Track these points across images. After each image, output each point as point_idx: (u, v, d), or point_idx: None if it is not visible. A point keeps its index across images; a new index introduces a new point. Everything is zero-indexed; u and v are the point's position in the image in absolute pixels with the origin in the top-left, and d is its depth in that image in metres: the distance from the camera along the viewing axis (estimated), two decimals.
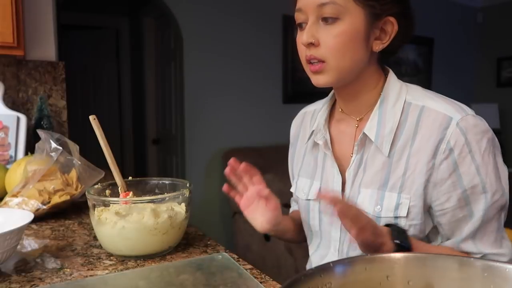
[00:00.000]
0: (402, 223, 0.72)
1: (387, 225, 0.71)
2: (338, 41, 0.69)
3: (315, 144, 0.86)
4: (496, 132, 4.44)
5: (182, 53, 3.03)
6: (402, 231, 0.69)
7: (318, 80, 0.73)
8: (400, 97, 0.75)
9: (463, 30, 4.71)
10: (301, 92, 3.29)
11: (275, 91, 3.38)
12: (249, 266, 0.71)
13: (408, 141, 0.72)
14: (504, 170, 0.72)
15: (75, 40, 4.08)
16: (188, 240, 0.85)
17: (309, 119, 0.92)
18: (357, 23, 0.70)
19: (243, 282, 0.64)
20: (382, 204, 0.73)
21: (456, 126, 0.68)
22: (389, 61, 0.83)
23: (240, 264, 0.71)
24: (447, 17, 4.50)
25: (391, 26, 0.73)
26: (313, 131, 0.85)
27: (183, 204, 0.82)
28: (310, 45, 0.71)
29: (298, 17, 0.74)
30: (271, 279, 0.65)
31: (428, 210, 0.73)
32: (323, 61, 0.71)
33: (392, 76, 0.78)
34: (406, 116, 0.73)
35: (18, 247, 0.78)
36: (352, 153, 0.79)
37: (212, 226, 3.13)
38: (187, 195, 0.81)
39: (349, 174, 0.78)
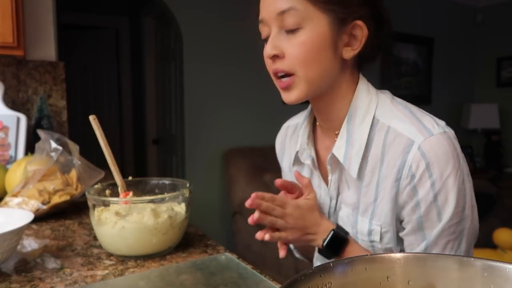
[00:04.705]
0: (378, 246, 0.71)
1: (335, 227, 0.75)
2: (303, 50, 0.65)
3: (303, 164, 0.83)
4: (496, 132, 4.47)
5: (182, 53, 3.03)
6: (337, 238, 0.73)
7: (290, 97, 0.69)
8: (369, 112, 0.71)
9: (463, 30, 4.71)
10: None
11: (275, 91, 3.34)
12: (250, 266, 0.70)
13: (376, 164, 0.69)
14: (471, 196, 0.67)
15: (75, 40, 4.08)
16: (188, 240, 0.85)
17: (291, 135, 0.89)
18: (321, 30, 0.65)
19: (243, 282, 0.64)
20: (356, 227, 0.73)
21: (418, 150, 0.64)
22: (390, 61, 0.81)
23: (244, 265, 0.71)
24: (447, 17, 4.50)
25: (361, 31, 0.68)
26: (297, 151, 0.81)
27: (183, 204, 0.82)
28: (275, 57, 0.67)
29: (262, 30, 0.70)
30: (271, 279, 0.65)
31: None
32: (291, 74, 0.67)
33: (361, 86, 0.73)
34: (373, 134, 0.70)
35: (18, 247, 0.78)
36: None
37: (212, 226, 3.14)
38: (187, 195, 0.81)
39: (331, 194, 0.77)
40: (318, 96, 0.72)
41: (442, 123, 0.68)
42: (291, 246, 0.97)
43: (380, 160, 0.69)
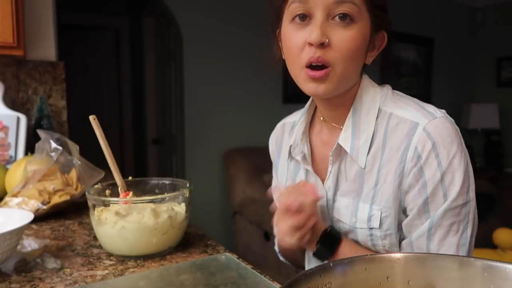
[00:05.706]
0: (378, 233, 0.71)
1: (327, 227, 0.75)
2: (352, 45, 0.64)
3: (296, 160, 0.83)
4: (496, 132, 4.47)
5: (182, 53, 3.03)
6: (331, 237, 0.73)
7: (318, 89, 0.66)
8: (374, 104, 0.72)
9: (463, 30, 4.71)
10: (301, 92, 3.28)
11: (275, 91, 3.38)
12: (250, 266, 0.70)
13: (378, 150, 0.70)
14: (472, 179, 0.67)
15: (75, 40, 4.08)
16: (188, 240, 0.85)
17: (289, 131, 0.88)
18: (366, 30, 0.67)
19: (243, 282, 0.64)
20: (356, 215, 0.72)
21: (423, 131, 0.65)
22: (390, 61, 0.82)
23: (245, 265, 0.71)
24: (447, 17, 4.50)
25: (382, 41, 0.72)
26: (291, 146, 0.82)
27: (183, 204, 0.82)
28: (320, 45, 0.63)
29: (298, 8, 0.65)
30: (271, 279, 0.65)
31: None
32: (327, 66, 0.65)
33: (365, 80, 0.75)
34: (377, 124, 0.71)
35: (18, 247, 0.78)
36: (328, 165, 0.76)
37: (212, 226, 3.14)
38: (187, 195, 0.81)
39: (328, 187, 0.76)
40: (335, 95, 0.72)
41: (443, 110, 0.70)
42: (276, 248, 0.97)
43: (382, 145, 0.69)
